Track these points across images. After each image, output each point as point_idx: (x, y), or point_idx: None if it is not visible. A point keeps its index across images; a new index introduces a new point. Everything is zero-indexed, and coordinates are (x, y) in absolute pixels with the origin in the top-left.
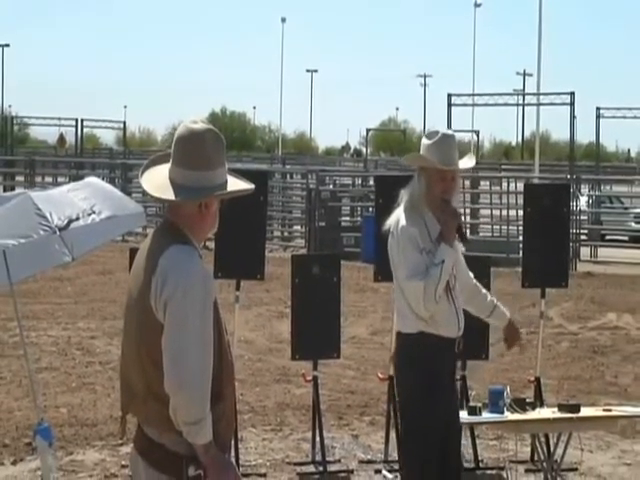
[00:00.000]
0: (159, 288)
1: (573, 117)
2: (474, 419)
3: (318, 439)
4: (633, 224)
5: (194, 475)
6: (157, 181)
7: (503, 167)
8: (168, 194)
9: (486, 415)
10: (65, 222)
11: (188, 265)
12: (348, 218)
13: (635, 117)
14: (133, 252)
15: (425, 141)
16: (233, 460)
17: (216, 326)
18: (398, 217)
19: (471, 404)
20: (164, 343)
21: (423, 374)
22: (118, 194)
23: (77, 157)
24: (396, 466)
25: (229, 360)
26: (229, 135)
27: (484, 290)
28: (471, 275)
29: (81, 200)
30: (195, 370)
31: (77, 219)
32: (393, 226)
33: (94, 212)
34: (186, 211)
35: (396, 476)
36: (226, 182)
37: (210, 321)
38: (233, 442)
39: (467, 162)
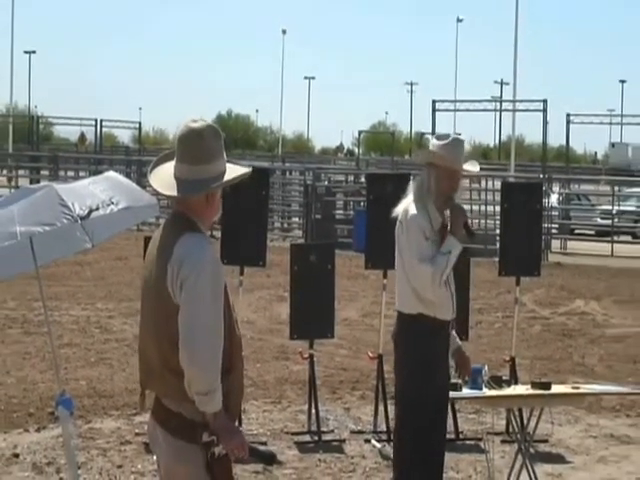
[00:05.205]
0: (175, 273)
1: (545, 122)
2: (455, 395)
3: (314, 411)
4: (599, 219)
5: (208, 441)
6: (163, 179)
7: (482, 167)
8: (172, 191)
9: (466, 391)
10: (86, 212)
11: (200, 251)
12: (342, 211)
13: (601, 123)
14: (147, 240)
15: (437, 142)
16: None
17: (226, 306)
18: (407, 207)
19: (452, 381)
20: (180, 320)
21: (422, 352)
22: (134, 187)
23: (96, 154)
24: (384, 436)
25: (238, 336)
26: (234, 135)
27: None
28: None
29: (101, 192)
30: (207, 345)
31: (97, 209)
32: (402, 215)
33: (112, 203)
34: (194, 202)
35: (384, 445)
36: (225, 171)
37: (221, 301)
38: None
39: (474, 166)
